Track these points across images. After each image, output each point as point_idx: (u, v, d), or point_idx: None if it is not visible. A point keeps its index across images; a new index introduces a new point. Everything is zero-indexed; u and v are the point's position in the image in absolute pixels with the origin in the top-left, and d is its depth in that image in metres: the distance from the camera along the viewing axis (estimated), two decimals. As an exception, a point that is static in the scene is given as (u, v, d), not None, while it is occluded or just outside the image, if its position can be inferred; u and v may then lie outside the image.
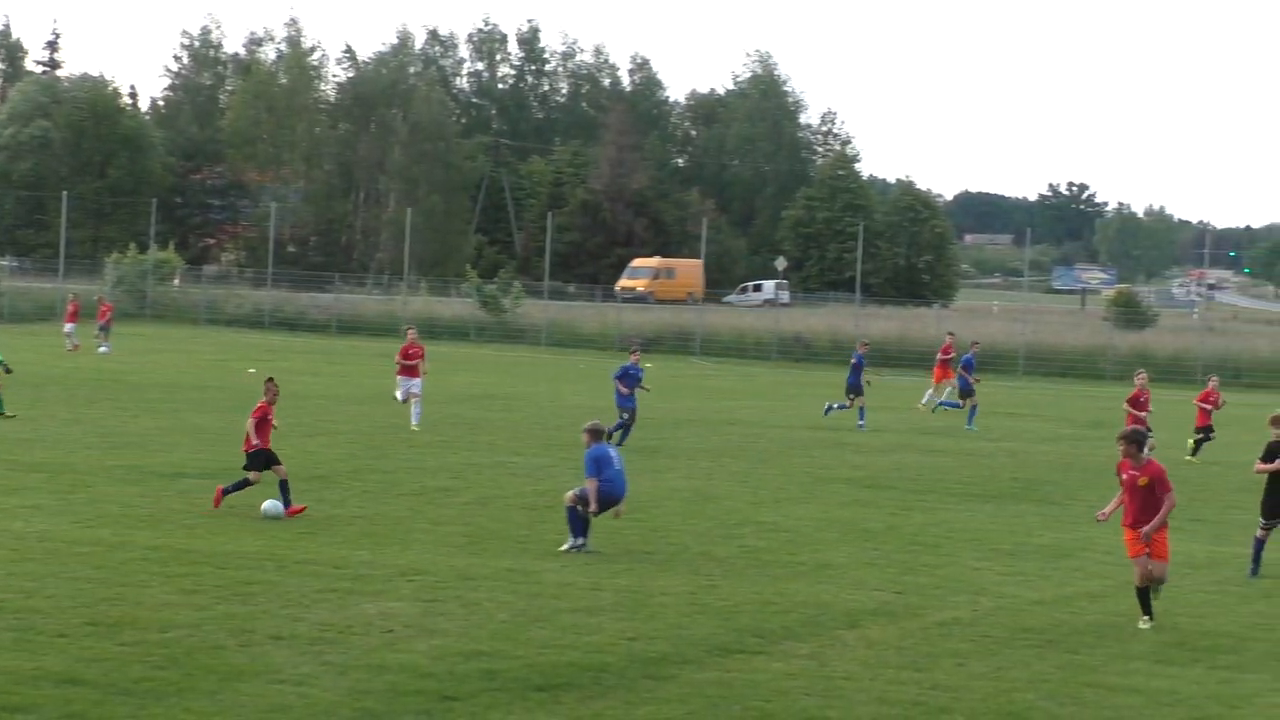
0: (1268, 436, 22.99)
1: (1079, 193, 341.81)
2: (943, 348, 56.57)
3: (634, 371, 38.46)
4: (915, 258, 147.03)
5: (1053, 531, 26.34)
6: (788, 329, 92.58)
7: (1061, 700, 15.01)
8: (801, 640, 17.14)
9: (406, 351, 40.16)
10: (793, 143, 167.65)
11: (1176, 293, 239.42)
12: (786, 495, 29.49)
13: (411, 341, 40.74)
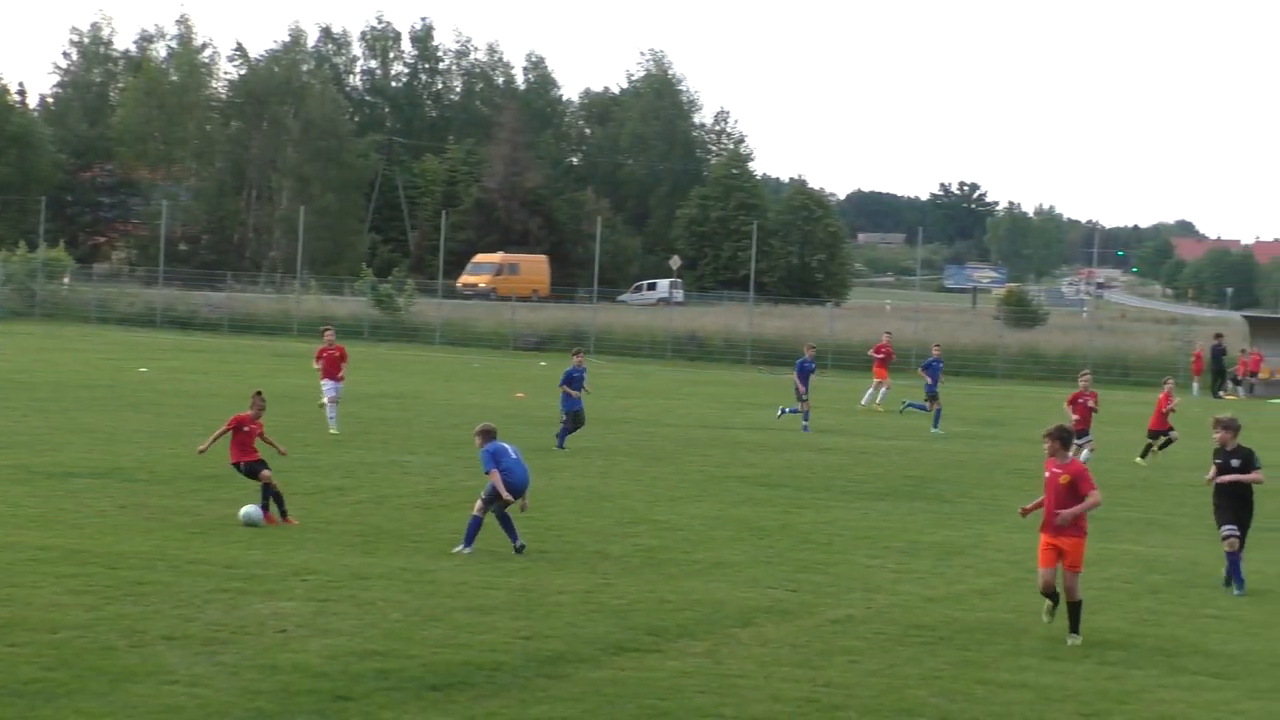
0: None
1: (970, 192, 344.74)
2: (877, 346, 57.00)
3: (577, 374, 37.95)
4: (808, 256, 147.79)
5: (945, 529, 26.52)
6: (682, 328, 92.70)
7: (953, 697, 15.12)
8: (696, 638, 17.18)
9: (321, 353, 39.33)
10: (686, 141, 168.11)
11: (1066, 291, 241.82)
12: (681, 494, 29.55)
13: (329, 342, 39.90)
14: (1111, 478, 35.64)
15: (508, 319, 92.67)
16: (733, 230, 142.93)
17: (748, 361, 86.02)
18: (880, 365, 55.68)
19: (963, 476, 34.44)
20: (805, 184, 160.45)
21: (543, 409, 46.50)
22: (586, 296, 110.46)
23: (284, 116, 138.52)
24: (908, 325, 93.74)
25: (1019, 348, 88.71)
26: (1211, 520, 29.28)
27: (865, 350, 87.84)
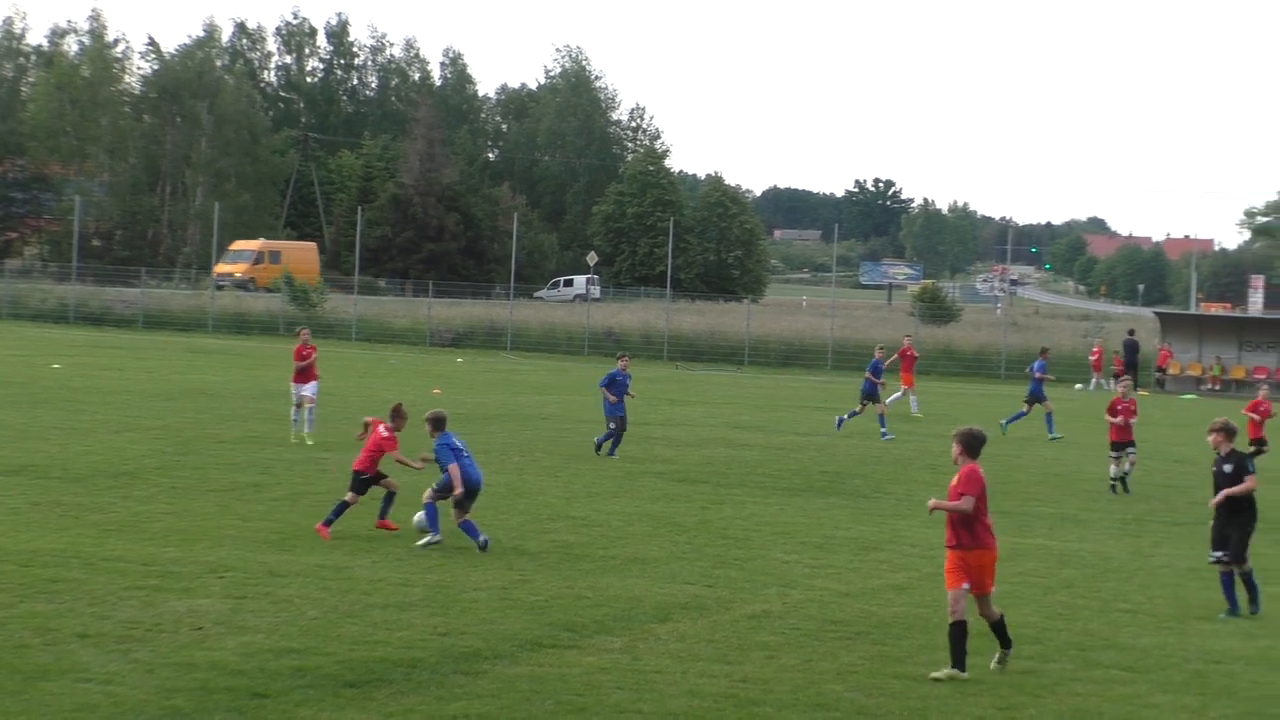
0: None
1: (885, 189, 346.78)
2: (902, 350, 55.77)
3: (621, 378, 36.84)
4: (725, 253, 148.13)
5: (861, 525, 26.64)
6: (599, 324, 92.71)
7: (869, 691, 15.19)
8: (613, 634, 17.19)
9: (299, 353, 37.17)
10: (603, 138, 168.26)
11: (980, 288, 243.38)
12: (598, 490, 29.56)
13: (304, 342, 37.59)
14: (1023, 474, 35.96)
15: (424, 315, 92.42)
16: (649, 227, 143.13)
17: (665, 358, 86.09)
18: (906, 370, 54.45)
19: (878, 472, 34.59)
20: (722, 181, 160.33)
21: (460, 405, 46.39)
22: (503, 293, 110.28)
23: (198, 112, 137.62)
24: (824, 322, 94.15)
25: (933, 344, 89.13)
26: (1124, 513, 29.73)
27: (782, 346, 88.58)
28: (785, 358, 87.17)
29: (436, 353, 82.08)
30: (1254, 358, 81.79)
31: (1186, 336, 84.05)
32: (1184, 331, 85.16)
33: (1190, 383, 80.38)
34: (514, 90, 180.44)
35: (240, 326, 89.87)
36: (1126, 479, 33.00)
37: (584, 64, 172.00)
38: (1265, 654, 17.73)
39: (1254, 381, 75.29)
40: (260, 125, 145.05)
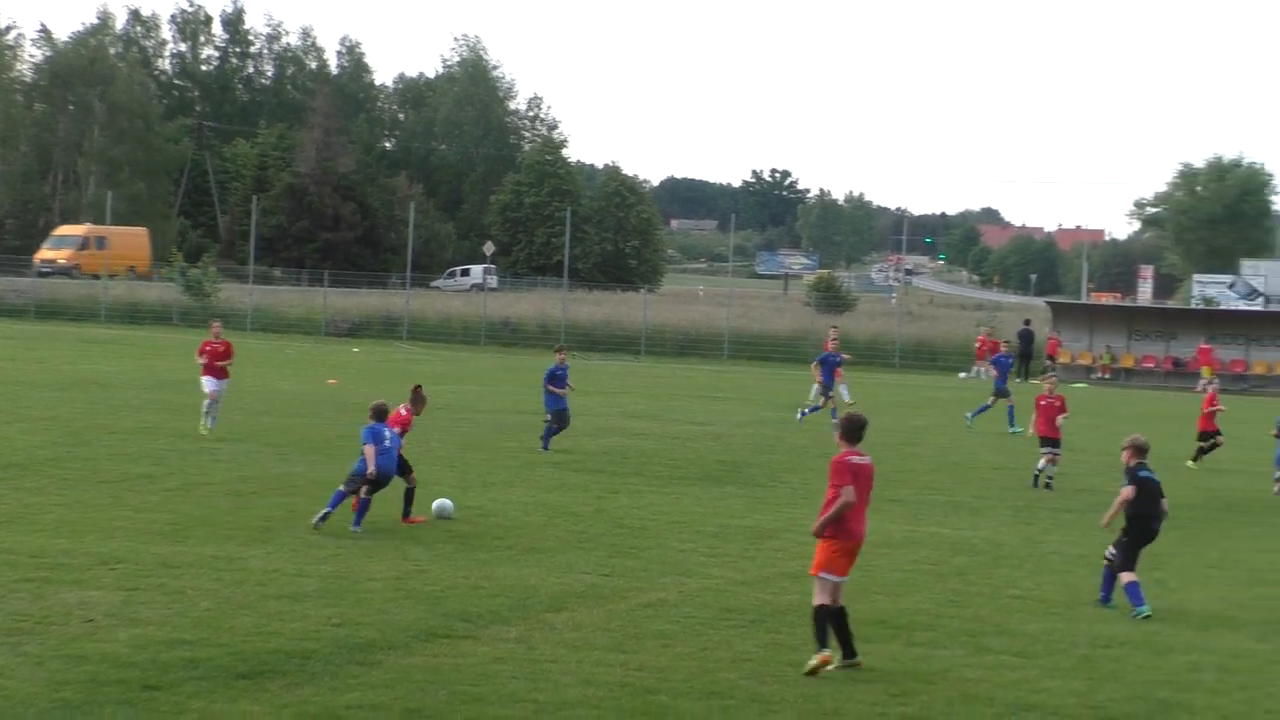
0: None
1: (781, 179, 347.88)
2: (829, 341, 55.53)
3: (560, 372, 36.78)
4: (622, 243, 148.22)
5: (756, 513, 26.75)
6: (496, 314, 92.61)
7: (764, 679, 15.27)
8: (509, 624, 17.19)
9: (204, 348, 35.73)
10: (500, 127, 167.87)
11: (875, 278, 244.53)
12: (494, 479, 29.53)
13: (216, 335, 36.22)
14: (918, 463, 36.23)
15: (320, 305, 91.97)
16: (547, 216, 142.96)
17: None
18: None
19: (774, 461, 34.73)
20: (619, 171, 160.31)
21: (356, 395, 46.22)
22: (400, 282, 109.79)
23: (91, 100, 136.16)
24: (720, 311, 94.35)
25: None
26: (1016, 500, 30.03)
27: (679, 335, 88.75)
28: (682, 347, 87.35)
29: (332, 342, 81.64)
30: (1143, 346, 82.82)
31: (1078, 326, 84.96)
32: (1075, 321, 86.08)
33: (1081, 371, 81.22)
34: (411, 79, 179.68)
35: (133, 316, 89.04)
36: (1043, 476, 32.23)
37: (481, 53, 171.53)
38: (1151, 639, 17.96)
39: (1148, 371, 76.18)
40: (154, 113, 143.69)
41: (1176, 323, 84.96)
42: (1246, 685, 15.96)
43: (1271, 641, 18.17)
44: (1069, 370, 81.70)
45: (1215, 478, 33.60)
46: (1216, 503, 31.34)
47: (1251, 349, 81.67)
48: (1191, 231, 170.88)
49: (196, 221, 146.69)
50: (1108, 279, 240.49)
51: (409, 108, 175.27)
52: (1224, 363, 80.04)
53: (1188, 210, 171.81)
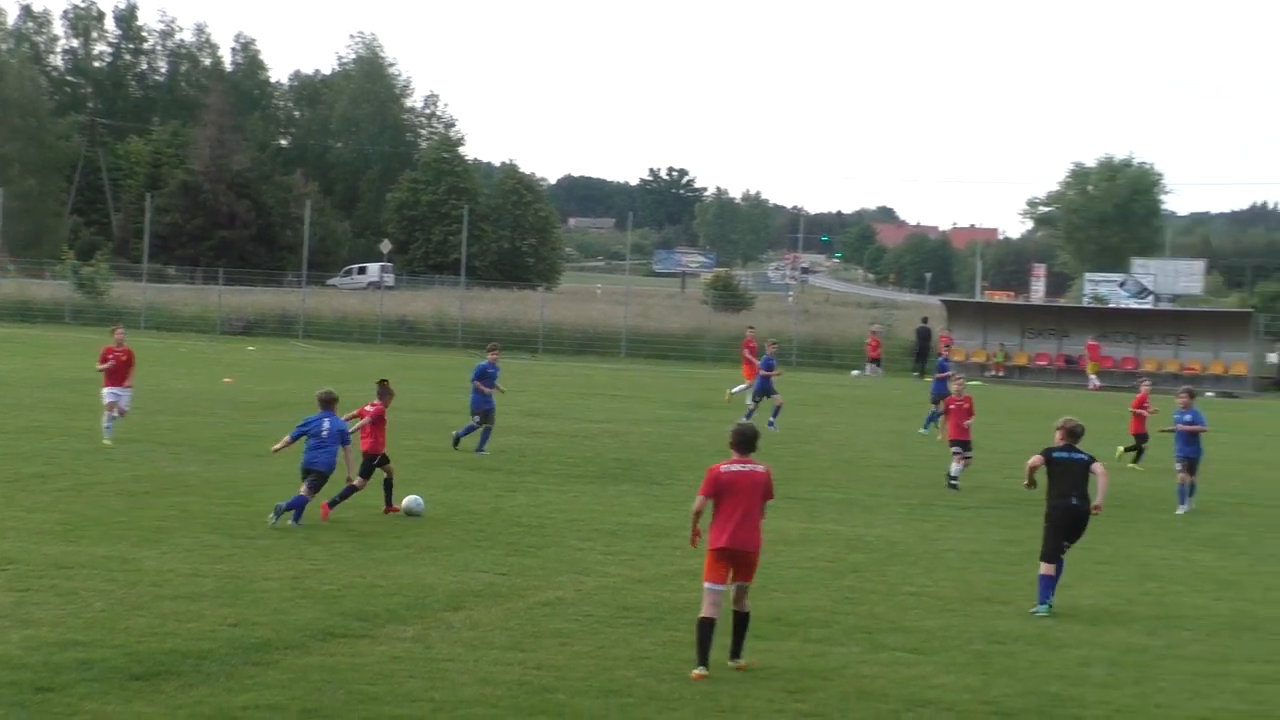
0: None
1: (679, 178, 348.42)
2: (745, 342, 55.62)
3: (492, 370, 36.40)
4: (520, 241, 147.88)
5: (654, 511, 26.81)
6: (393, 312, 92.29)
7: (661, 677, 15.31)
8: (406, 623, 17.15)
9: (105, 355, 34.26)
10: (397, 125, 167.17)
11: (772, 276, 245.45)
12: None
13: (118, 342, 34.59)
14: (814, 460, 36.42)
15: (215, 303, 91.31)
16: (444, 214, 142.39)
17: (459, 346, 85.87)
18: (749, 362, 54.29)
19: (671, 459, 34.80)
20: (516, 168, 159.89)
21: (250, 394, 46.01)
22: (296, 280, 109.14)
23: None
24: (618, 310, 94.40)
25: (726, 331, 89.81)
26: (911, 498, 30.24)
27: (576, 333, 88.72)
28: (579, 345, 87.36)
29: (227, 341, 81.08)
30: (1036, 344, 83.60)
31: (972, 324, 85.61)
32: (969, 319, 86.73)
33: (975, 369, 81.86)
34: (307, 77, 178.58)
35: (24, 314, 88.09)
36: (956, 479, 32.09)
37: (377, 51, 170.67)
38: (1044, 634, 18.15)
39: (1041, 369, 76.88)
40: (45, 110, 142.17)
41: (1068, 321, 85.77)
42: (1137, 680, 16.16)
43: (1161, 636, 18.40)
44: (963, 368, 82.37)
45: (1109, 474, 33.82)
46: (1109, 499, 31.64)
47: (1142, 347, 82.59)
48: (1083, 230, 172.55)
49: (89, 219, 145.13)
50: (1001, 277, 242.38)
51: (304, 105, 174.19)
52: (1115, 360, 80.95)
53: (1079, 209, 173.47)
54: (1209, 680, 16.27)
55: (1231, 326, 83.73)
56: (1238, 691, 15.85)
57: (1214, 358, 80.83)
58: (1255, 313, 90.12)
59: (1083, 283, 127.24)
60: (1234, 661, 17.21)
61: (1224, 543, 26.50)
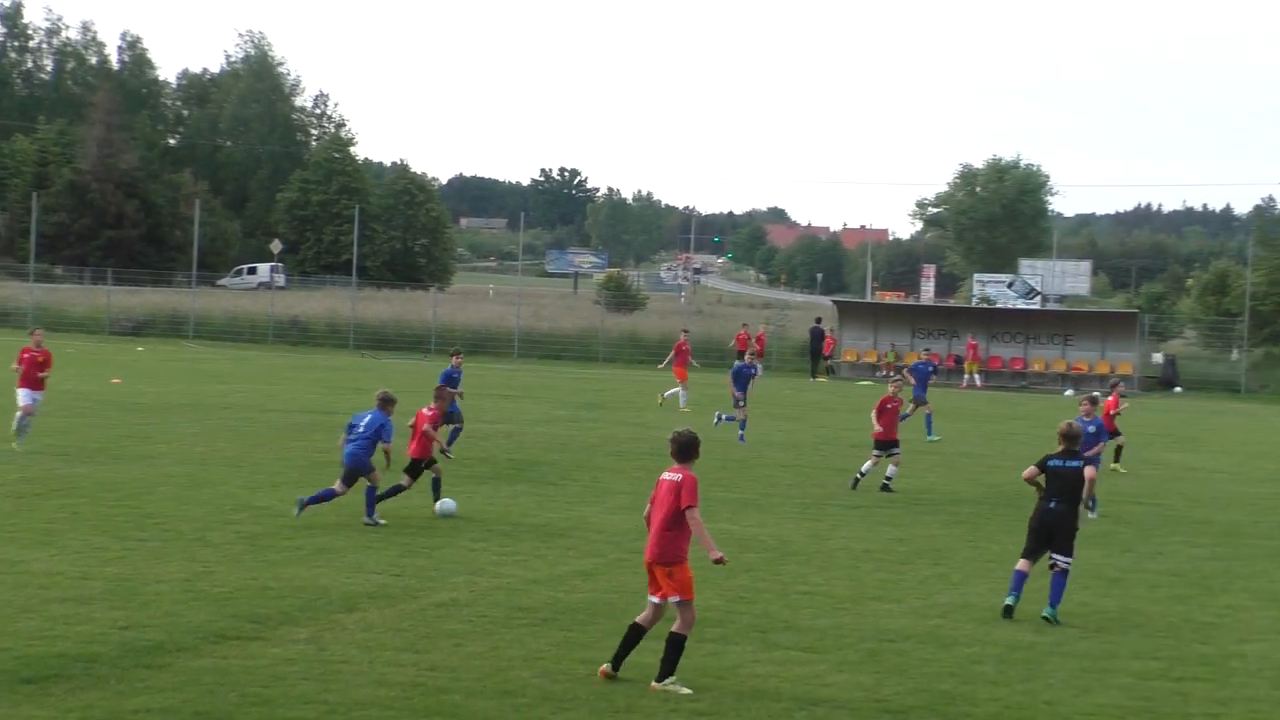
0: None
1: (571, 178, 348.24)
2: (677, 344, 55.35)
3: (456, 375, 35.84)
4: (411, 241, 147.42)
5: (548, 511, 26.81)
6: (283, 312, 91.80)
7: (556, 677, 15.32)
8: (299, 625, 17.08)
9: (22, 356, 33.75)
10: (287, 124, 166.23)
11: (665, 276, 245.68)
12: (283, 479, 29.27)
13: (36, 344, 34.20)
14: (705, 461, 36.50)
15: (103, 303, 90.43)
16: (335, 214, 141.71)
17: (351, 346, 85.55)
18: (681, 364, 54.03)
19: (565, 459, 34.81)
20: (408, 168, 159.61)
21: (140, 395, 45.65)
22: (185, 280, 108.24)
23: None
24: (510, 310, 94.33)
25: (619, 332, 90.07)
26: (803, 497, 30.40)
27: (469, 334, 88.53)
28: (472, 346, 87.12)
29: (116, 341, 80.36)
30: (925, 344, 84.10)
31: (863, 324, 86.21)
32: (860, 319, 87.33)
33: (866, 370, 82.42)
34: (195, 75, 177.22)
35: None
36: (891, 481, 31.99)
37: (266, 49, 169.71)
38: (935, 632, 18.30)
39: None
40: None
41: (958, 321, 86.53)
42: (1025, 676, 16.33)
43: (1049, 634, 18.60)
44: (854, 368, 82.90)
45: (995, 473, 34.27)
46: (997, 498, 31.97)
47: (1030, 347, 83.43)
48: (971, 231, 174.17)
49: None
50: (892, 278, 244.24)
51: (193, 104, 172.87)
52: (1004, 360, 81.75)
53: (968, 210, 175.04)
54: (1096, 676, 16.47)
55: (1118, 327, 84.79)
56: (1124, 687, 16.05)
57: (1101, 358, 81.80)
58: (1141, 313, 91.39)
59: (972, 283, 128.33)
60: (1120, 658, 17.43)
61: (1110, 540, 26.80)
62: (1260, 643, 18.66)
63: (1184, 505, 31.96)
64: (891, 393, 33.21)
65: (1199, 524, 29.31)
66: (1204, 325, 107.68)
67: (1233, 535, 28.38)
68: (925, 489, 32.76)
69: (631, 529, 25.05)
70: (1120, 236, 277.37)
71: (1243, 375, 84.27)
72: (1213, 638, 18.81)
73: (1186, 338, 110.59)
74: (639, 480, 31.57)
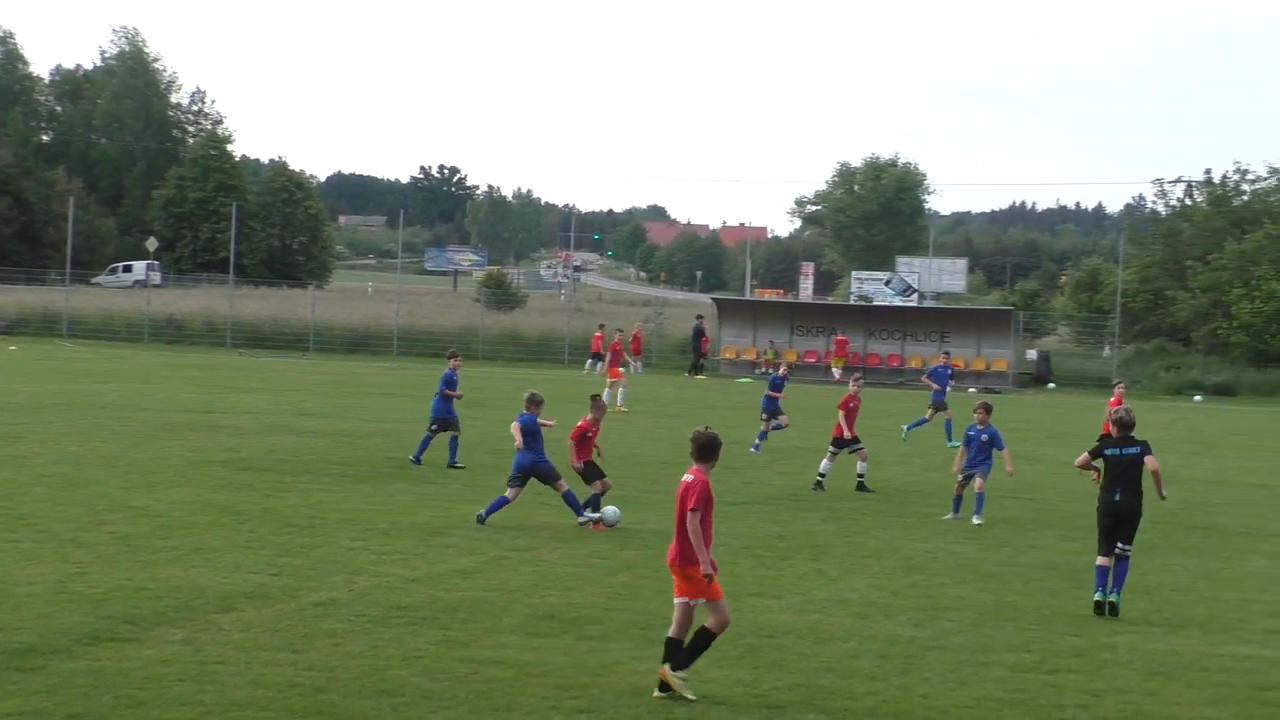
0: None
1: (450, 176, 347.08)
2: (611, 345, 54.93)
3: (454, 378, 35.15)
4: (290, 239, 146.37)
5: (427, 510, 26.74)
6: (159, 310, 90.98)
7: (435, 676, 15.28)
8: (175, 626, 16.92)
9: None
10: (163, 121, 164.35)
11: (544, 274, 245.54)
12: (159, 479, 29.01)
13: None
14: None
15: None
16: (212, 212, 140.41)
17: (228, 344, 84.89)
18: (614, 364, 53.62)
19: (444, 458, 34.68)
20: (286, 166, 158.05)
21: (14, 394, 45.09)
22: (59, 279, 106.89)
23: None
24: (389, 308, 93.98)
25: (499, 330, 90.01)
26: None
27: (347, 332, 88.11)
28: (351, 344, 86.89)
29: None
30: (804, 342, 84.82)
31: (742, 322, 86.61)
32: (740, 317, 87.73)
33: (746, 367, 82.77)
34: (69, 71, 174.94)
35: None
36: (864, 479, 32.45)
37: (141, 46, 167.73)
38: (813, 628, 18.41)
39: (810, 366, 77.64)
40: None
41: (836, 318, 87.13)
42: (903, 671, 16.47)
43: (926, 628, 18.77)
44: (733, 366, 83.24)
45: (872, 469, 34.47)
46: (874, 493, 32.22)
47: (907, 344, 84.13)
48: (849, 229, 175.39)
49: None
50: (771, 276, 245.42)
51: (66, 100, 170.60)
52: (882, 357, 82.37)
53: (846, 208, 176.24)
54: (972, 669, 16.63)
55: (993, 324, 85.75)
56: (998, 680, 16.22)
57: (976, 354, 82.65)
58: (1015, 310, 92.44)
59: (850, 281, 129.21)
60: (995, 651, 17.61)
61: (986, 535, 27.10)
62: (1131, 634, 18.93)
63: (1058, 500, 32.34)
64: (853, 391, 33.81)
65: (1072, 518, 29.66)
66: (1077, 322, 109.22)
67: (1106, 529, 28.72)
68: (803, 484, 32.95)
69: (511, 527, 25.05)
70: (995, 234, 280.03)
71: (1114, 371, 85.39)
72: (1085, 630, 19.06)
73: (1060, 334, 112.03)
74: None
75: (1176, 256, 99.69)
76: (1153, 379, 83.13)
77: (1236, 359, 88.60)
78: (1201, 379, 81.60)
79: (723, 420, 48.26)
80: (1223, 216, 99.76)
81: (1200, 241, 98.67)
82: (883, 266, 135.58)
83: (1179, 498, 33.87)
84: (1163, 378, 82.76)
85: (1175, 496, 34.25)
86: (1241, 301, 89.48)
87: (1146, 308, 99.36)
